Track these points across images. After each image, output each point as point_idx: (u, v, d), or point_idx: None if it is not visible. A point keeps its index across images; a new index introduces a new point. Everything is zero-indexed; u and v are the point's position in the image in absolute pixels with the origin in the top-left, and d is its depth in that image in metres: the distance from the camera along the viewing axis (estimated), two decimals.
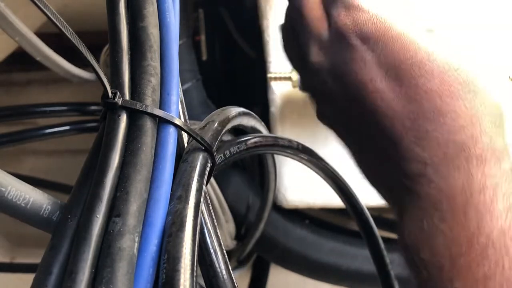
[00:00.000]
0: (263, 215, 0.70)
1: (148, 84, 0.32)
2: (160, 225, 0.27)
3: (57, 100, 0.66)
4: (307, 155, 0.48)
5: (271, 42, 0.69)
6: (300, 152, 0.47)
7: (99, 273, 0.24)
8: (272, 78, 0.66)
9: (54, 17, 0.26)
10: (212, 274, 0.29)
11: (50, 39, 0.55)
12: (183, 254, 0.25)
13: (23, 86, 1.03)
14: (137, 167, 0.28)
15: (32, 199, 0.25)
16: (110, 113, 0.30)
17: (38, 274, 0.24)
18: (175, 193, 0.29)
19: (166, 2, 0.36)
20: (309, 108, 0.70)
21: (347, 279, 0.78)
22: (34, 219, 0.25)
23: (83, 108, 0.65)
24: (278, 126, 0.71)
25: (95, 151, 0.29)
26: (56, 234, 0.26)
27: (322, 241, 0.78)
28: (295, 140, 0.46)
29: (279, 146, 0.44)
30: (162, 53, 0.34)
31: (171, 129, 0.31)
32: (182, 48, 0.74)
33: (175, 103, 0.33)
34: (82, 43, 0.28)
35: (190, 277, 0.24)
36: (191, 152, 0.32)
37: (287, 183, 0.73)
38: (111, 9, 0.34)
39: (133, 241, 0.25)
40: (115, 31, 0.33)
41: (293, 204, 0.74)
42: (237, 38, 0.88)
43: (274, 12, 0.68)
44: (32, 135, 0.65)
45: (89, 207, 0.26)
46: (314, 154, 0.49)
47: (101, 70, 0.29)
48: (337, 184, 0.52)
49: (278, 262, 0.81)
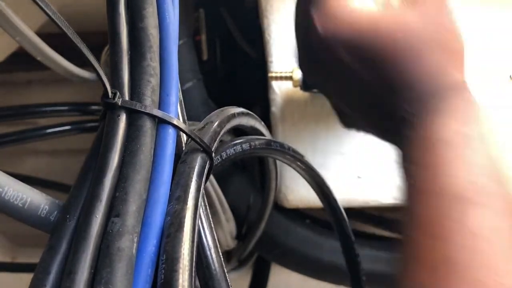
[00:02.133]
0: (264, 215, 0.70)
1: (148, 84, 0.32)
2: (159, 225, 0.27)
3: (57, 100, 0.66)
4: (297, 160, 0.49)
5: (271, 41, 0.69)
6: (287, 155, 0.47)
7: (98, 273, 0.24)
8: (273, 78, 0.66)
9: (55, 17, 0.26)
10: (208, 276, 0.29)
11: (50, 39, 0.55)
12: (182, 255, 0.25)
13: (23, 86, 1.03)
14: (136, 167, 0.28)
15: (29, 199, 0.25)
16: (110, 113, 0.30)
17: (36, 273, 0.24)
18: (174, 194, 0.29)
19: (166, 2, 0.36)
20: (310, 108, 0.71)
21: (348, 278, 0.78)
22: (31, 219, 0.25)
23: (84, 108, 0.65)
24: (279, 126, 0.71)
25: (95, 151, 0.29)
26: (55, 234, 0.26)
27: (323, 240, 0.78)
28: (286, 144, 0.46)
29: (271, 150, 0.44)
30: (161, 53, 0.34)
31: (170, 129, 0.31)
32: (183, 48, 0.74)
33: (174, 103, 0.33)
34: (83, 43, 0.28)
35: (188, 278, 0.25)
36: (190, 153, 0.32)
37: (288, 182, 0.73)
38: (111, 9, 0.34)
39: (132, 242, 0.25)
40: (115, 32, 0.33)
41: (294, 203, 0.74)
42: (237, 37, 0.88)
43: (274, 11, 0.68)
44: (32, 135, 0.65)
45: (88, 207, 0.26)
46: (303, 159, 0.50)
47: (102, 70, 0.30)
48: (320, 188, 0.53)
49: (279, 262, 0.81)
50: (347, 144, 0.71)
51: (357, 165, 0.71)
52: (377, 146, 0.70)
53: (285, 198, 0.73)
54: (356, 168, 0.71)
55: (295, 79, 0.64)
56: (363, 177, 0.71)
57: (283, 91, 0.70)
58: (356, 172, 0.71)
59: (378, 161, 0.71)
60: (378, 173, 0.71)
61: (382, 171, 0.71)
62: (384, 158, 0.71)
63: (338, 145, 0.71)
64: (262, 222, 0.71)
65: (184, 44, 0.73)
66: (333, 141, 0.71)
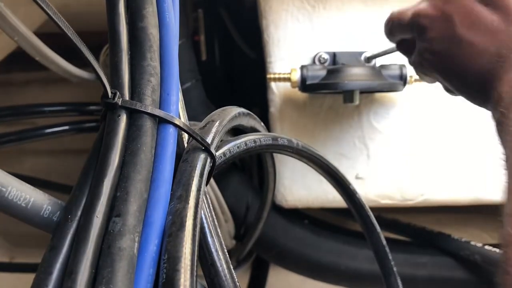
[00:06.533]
0: (262, 215, 0.70)
1: (148, 84, 0.32)
2: (160, 225, 0.27)
3: (56, 100, 0.66)
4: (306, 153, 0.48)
5: (270, 42, 0.69)
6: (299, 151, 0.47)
7: (99, 273, 0.24)
8: (272, 79, 0.66)
9: (55, 17, 0.26)
10: (213, 274, 0.29)
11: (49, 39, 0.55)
12: (183, 254, 0.25)
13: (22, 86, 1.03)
14: (137, 167, 0.28)
15: (32, 199, 0.25)
16: (110, 113, 0.30)
17: (38, 274, 0.24)
18: (175, 193, 0.29)
19: (166, 2, 0.36)
20: (308, 108, 0.71)
21: (346, 279, 0.78)
22: (34, 219, 0.25)
23: (83, 108, 0.65)
24: (277, 126, 0.71)
25: (95, 151, 0.29)
26: (56, 234, 0.26)
27: (321, 241, 0.78)
28: (294, 138, 0.46)
29: (278, 145, 0.44)
30: (161, 53, 0.34)
31: (171, 129, 0.31)
32: (182, 48, 0.74)
33: (174, 103, 0.33)
34: (83, 43, 0.28)
35: (190, 277, 0.24)
36: (191, 152, 0.32)
37: (287, 183, 0.73)
38: (111, 9, 0.34)
39: (133, 241, 0.25)
40: (115, 32, 0.33)
41: (292, 204, 0.74)
42: (236, 38, 0.88)
43: (273, 12, 0.68)
44: (31, 135, 0.65)
45: (89, 207, 0.26)
46: (313, 152, 0.49)
47: (101, 70, 0.29)
48: (337, 181, 0.52)
49: (277, 262, 0.81)
50: (346, 144, 0.71)
51: (355, 166, 0.71)
52: (376, 147, 0.70)
53: (284, 198, 0.73)
54: (355, 169, 0.71)
55: (293, 80, 0.64)
56: (361, 178, 0.72)
57: (281, 92, 0.70)
58: (354, 172, 0.72)
59: (377, 162, 0.71)
60: (377, 173, 0.71)
61: (381, 172, 0.71)
62: (383, 158, 0.71)
63: (337, 145, 0.71)
64: (260, 223, 0.71)
65: (183, 44, 0.73)
66: (332, 141, 0.71)
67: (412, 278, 0.76)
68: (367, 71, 0.62)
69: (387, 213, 0.83)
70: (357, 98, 0.63)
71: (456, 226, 0.85)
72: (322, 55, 0.67)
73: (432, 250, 0.78)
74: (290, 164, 0.71)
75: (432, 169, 0.70)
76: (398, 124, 0.70)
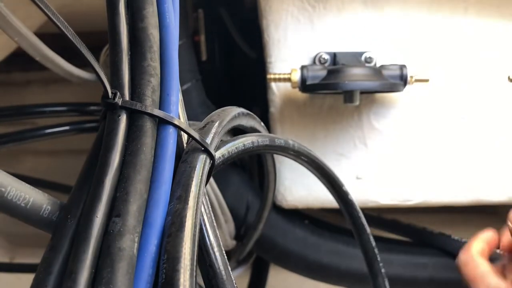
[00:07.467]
0: (262, 216, 0.70)
1: (148, 84, 0.32)
2: (160, 225, 0.27)
3: (56, 100, 0.66)
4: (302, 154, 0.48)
5: (270, 42, 0.69)
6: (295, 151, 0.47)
7: (99, 273, 0.24)
8: (272, 79, 0.66)
9: (54, 17, 0.26)
10: (212, 275, 0.29)
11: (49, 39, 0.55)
12: (183, 254, 0.25)
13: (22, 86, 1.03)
14: (137, 167, 0.28)
15: (32, 199, 0.25)
16: (110, 113, 0.30)
17: (38, 273, 0.24)
18: (175, 193, 0.29)
19: (166, 2, 0.36)
20: (309, 109, 0.71)
21: (346, 279, 0.78)
22: (34, 219, 0.25)
23: (83, 108, 0.65)
24: (277, 127, 0.71)
25: (95, 151, 0.29)
26: (56, 234, 0.26)
27: (321, 241, 0.78)
28: (291, 139, 0.46)
29: (275, 146, 0.44)
30: (161, 53, 0.34)
31: (170, 129, 0.31)
32: (182, 49, 0.74)
33: (174, 103, 0.33)
34: (83, 43, 0.28)
35: (190, 277, 0.24)
36: (191, 152, 0.32)
37: (287, 183, 0.73)
38: (111, 9, 0.34)
39: (133, 241, 0.25)
40: (115, 32, 0.33)
41: (293, 204, 0.74)
42: (236, 38, 0.88)
43: (273, 12, 0.68)
44: (32, 135, 0.65)
45: (89, 207, 0.26)
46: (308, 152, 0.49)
47: (101, 70, 0.29)
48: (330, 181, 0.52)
49: (278, 262, 0.81)
50: (346, 144, 0.71)
51: (355, 166, 0.71)
52: (376, 147, 0.70)
53: (284, 198, 0.73)
54: (354, 169, 0.71)
55: (293, 80, 0.64)
56: (361, 178, 0.72)
57: (282, 92, 0.70)
58: (354, 173, 0.72)
59: (377, 162, 0.71)
60: (377, 174, 0.71)
61: (380, 172, 0.71)
62: (383, 158, 0.71)
63: (337, 145, 0.71)
64: (260, 223, 0.71)
65: (183, 44, 0.73)
66: (332, 141, 0.71)
67: (412, 278, 0.76)
68: (368, 72, 0.62)
69: (387, 213, 0.83)
70: (358, 98, 0.63)
71: (456, 226, 0.85)
72: (322, 56, 0.67)
73: (433, 251, 0.78)
74: (290, 164, 0.72)
75: (432, 169, 0.70)
76: (398, 124, 0.70)
